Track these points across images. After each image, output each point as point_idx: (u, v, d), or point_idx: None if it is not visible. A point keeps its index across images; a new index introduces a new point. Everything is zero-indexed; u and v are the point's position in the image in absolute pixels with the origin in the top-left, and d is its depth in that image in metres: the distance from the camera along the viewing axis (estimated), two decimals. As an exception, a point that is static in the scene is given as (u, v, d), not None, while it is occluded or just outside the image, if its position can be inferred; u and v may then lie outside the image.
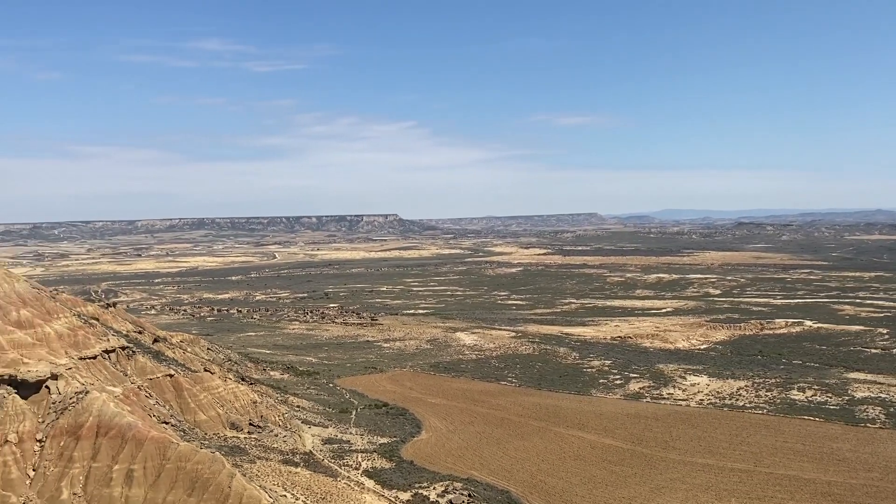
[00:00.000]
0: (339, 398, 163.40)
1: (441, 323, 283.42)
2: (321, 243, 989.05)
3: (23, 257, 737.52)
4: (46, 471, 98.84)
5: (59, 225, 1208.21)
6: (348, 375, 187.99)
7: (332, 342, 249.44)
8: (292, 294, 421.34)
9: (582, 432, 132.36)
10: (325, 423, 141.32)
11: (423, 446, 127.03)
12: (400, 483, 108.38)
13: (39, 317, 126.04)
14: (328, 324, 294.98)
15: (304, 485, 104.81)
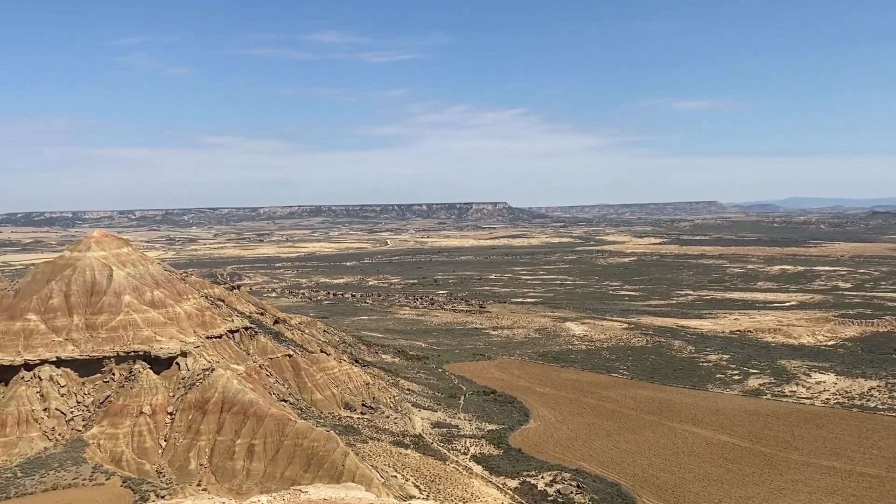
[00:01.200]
0: (448, 383, 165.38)
1: (550, 312, 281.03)
2: (431, 230, 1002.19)
3: (156, 241, 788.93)
4: (176, 442, 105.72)
5: (188, 211, 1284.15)
6: (457, 361, 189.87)
7: (441, 328, 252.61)
8: (403, 280, 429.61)
9: (696, 428, 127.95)
10: (434, 408, 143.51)
11: (531, 435, 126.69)
12: (508, 470, 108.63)
13: (171, 297, 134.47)
14: (437, 310, 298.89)
15: (414, 466, 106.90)
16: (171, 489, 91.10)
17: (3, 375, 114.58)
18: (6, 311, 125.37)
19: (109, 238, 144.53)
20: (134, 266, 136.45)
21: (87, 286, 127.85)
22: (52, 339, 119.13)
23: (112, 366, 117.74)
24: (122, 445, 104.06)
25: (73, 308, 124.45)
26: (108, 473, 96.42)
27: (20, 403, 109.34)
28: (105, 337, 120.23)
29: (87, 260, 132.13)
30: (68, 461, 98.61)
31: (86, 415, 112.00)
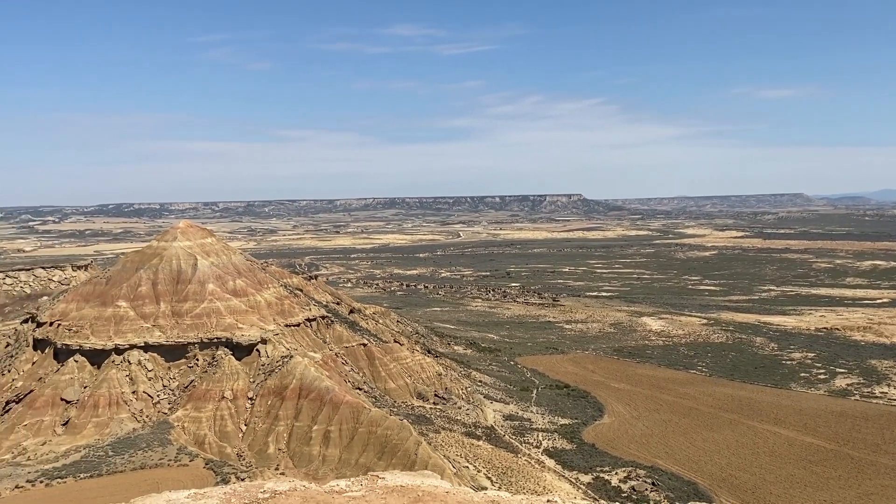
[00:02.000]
0: (520, 376, 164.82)
1: (626, 306, 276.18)
2: (504, 223, 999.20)
3: (238, 232, 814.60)
4: (256, 426, 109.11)
5: (268, 203, 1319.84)
6: (529, 355, 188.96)
7: (514, 321, 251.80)
8: (475, 272, 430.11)
9: (779, 428, 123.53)
10: (507, 400, 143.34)
11: (605, 430, 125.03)
12: (581, 465, 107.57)
13: (252, 286, 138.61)
14: (510, 302, 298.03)
15: (486, 458, 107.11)
16: (250, 472, 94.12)
17: (95, 359, 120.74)
18: (98, 297, 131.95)
19: (194, 228, 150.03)
20: (217, 256, 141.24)
21: (173, 275, 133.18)
22: (141, 325, 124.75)
23: (196, 351, 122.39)
24: (205, 429, 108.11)
25: (160, 296, 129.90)
26: (191, 455, 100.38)
27: (111, 386, 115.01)
28: (190, 324, 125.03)
29: (173, 249, 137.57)
30: (155, 442, 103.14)
31: (171, 398, 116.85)
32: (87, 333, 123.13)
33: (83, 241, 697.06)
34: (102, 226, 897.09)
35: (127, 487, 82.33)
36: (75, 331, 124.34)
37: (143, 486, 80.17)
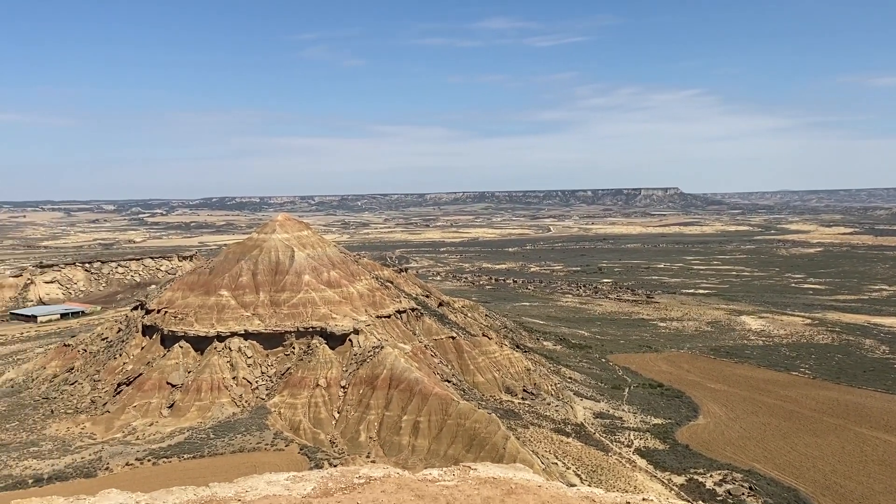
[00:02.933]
0: (612, 374, 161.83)
1: (724, 304, 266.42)
2: (596, 217, 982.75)
3: (332, 225, 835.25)
4: (348, 414, 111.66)
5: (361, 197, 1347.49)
6: (621, 352, 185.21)
7: (605, 317, 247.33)
8: (566, 267, 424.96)
9: (889, 435, 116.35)
10: (597, 398, 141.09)
11: (700, 431, 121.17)
12: (674, 466, 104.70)
13: (345, 278, 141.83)
14: (601, 299, 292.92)
15: (575, 455, 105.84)
16: (342, 459, 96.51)
17: (199, 345, 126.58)
18: (202, 286, 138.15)
19: (292, 221, 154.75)
20: (313, 248, 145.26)
21: (271, 266, 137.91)
22: (241, 314, 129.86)
23: (292, 340, 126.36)
24: (300, 415, 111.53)
25: (259, 286, 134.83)
26: (287, 440, 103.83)
27: (213, 371, 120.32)
28: (287, 313, 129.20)
29: (272, 241, 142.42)
30: (253, 426, 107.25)
31: (269, 384, 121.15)
32: (192, 321, 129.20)
33: (188, 232, 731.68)
34: (206, 218, 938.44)
35: (226, 469, 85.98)
36: (181, 318, 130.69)
37: (242, 469, 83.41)
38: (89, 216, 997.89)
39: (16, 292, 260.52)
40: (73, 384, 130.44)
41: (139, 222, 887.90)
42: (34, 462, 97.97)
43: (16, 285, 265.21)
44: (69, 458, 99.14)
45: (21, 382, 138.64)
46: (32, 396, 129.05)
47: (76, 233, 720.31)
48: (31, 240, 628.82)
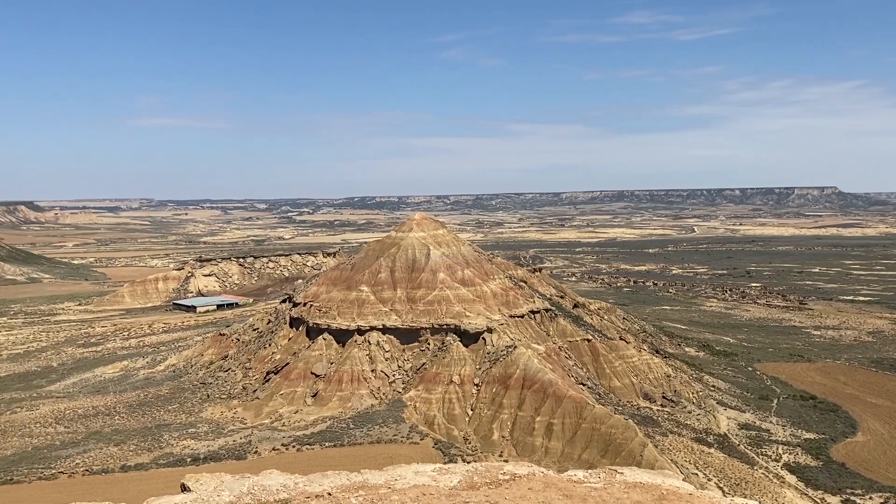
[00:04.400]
0: (759, 383, 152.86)
1: (888, 313, 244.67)
2: (744, 218, 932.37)
3: (466, 224, 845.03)
4: (481, 412, 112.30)
5: (496, 196, 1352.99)
6: (770, 361, 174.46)
7: (753, 323, 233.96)
8: (710, 270, 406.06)
9: None
10: (742, 408, 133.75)
11: (858, 449, 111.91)
12: (828, 485, 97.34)
13: (479, 276, 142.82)
14: (749, 304, 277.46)
15: (718, 467, 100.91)
16: (476, 456, 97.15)
17: (340, 338, 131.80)
18: (345, 282, 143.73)
19: (428, 220, 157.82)
20: (448, 246, 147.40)
21: (408, 263, 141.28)
22: (380, 309, 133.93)
23: (427, 336, 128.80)
24: (435, 410, 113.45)
25: (397, 282, 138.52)
26: (422, 434, 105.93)
27: (353, 364, 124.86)
28: (422, 310, 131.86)
29: (409, 240, 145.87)
30: (390, 419, 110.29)
31: (405, 378, 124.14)
32: (335, 314, 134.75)
33: (332, 230, 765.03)
34: (349, 217, 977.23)
35: (365, 459, 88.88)
36: (324, 311, 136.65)
37: (380, 460, 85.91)
38: (243, 214, 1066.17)
39: (178, 284, 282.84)
40: (227, 371, 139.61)
41: (288, 220, 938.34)
42: (192, 442, 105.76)
43: (178, 277, 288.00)
44: (222, 441, 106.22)
45: (181, 368, 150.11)
46: (191, 381, 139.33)
47: (232, 229, 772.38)
48: (192, 236, 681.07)
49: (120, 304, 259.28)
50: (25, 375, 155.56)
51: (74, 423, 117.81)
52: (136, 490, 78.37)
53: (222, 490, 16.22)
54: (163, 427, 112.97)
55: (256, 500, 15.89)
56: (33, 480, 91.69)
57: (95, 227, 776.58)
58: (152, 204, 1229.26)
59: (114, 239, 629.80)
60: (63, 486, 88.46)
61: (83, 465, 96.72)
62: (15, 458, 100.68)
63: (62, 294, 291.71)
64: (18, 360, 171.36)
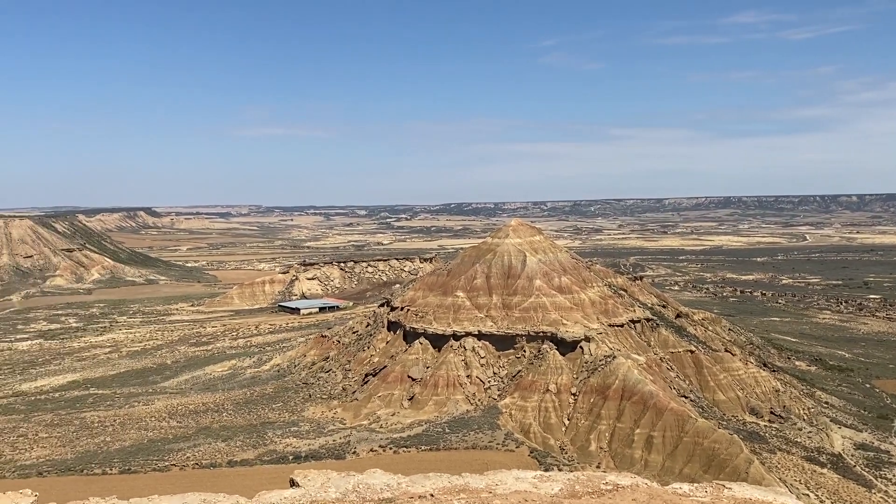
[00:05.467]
0: (878, 401, 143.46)
1: None
2: (862, 225, 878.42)
3: (564, 231, 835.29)
4: (578, 422, 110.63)
5: (594, 202, 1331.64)
6: (890, 378, 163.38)
7: (871, 338, 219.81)
8: (823, 280, 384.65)
9: None
10: (859, 427, 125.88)
11: None
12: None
13: (576, 284, 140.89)
14: (866, 316, 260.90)
15: (831, 488, 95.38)
16: (572, 466, 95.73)
17: (436, 342, 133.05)
18: (441, 287, 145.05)
19: (524, 227, 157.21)
20: (544, 253, 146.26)
21: (504, 269, 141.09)
22: (475, 315, 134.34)
23: (523, 343, 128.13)
24: (530, 418, 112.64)
25: (492, 288, 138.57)
26: (517, 442, 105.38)
27: (449, 368, 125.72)
28: (518, 316, 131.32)
29: (505, 246, 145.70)
30: (485, 425, 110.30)
31: (500, 385, 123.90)
32: (431, 319, 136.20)
33: (429, 236, 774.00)
34: (445, 223, 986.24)
35: (460, 464, 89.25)
36: (421, 316, 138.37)
37: (475, 465, 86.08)
38: (344, 220, 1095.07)
39: (283, 287, 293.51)
40: (328, 372, 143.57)
41: (386, 226, 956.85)
42: (294, 440, 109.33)
43: (283, 280, 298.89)
44: (322, 440, 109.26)
45: (285, 368, 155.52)
46: (294, 381, 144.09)
47: (333, 235, 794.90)
48: (297, 241, 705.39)
49: (229, 306, 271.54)
50: (142, 372, 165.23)
51: (186, 418, 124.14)
52: (241, 485, 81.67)
53: (329, 487, 16.74)
54: (267, 425, 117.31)
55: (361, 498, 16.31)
56: (148, 471, 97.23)
57: (208, 231, 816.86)
58: (260, 210, 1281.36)
59: (224, 243, 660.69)
60: (175, 478, 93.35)
61: (193, 459, 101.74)
62: (132, 450, 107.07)
63: (176, 295, 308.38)
64: (136, 357, 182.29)
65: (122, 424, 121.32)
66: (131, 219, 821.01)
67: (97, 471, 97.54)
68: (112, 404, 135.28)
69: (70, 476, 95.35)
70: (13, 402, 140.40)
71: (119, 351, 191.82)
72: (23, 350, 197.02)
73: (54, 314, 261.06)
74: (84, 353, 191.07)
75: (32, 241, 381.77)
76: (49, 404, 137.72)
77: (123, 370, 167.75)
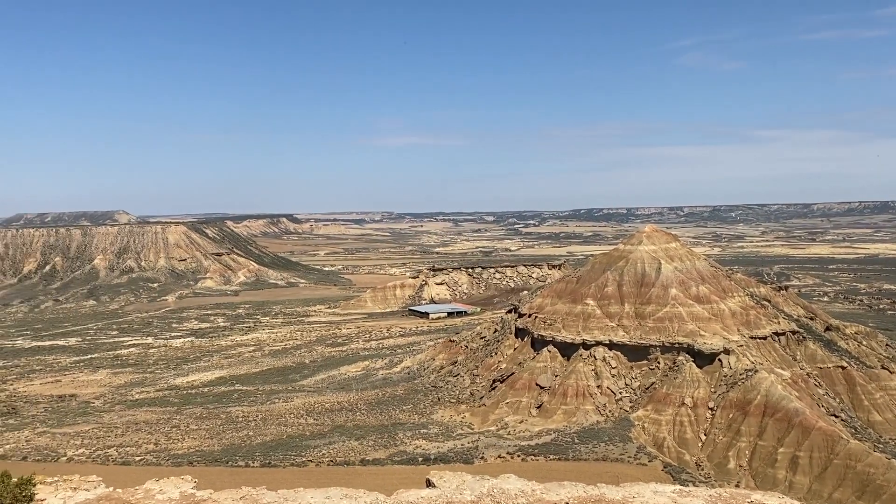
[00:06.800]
0: None
1: None
2: None
3: (702, 237, 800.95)
4: (716, 438, 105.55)
5: (735, 208, 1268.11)
6: None
7: None
8: None
9: None
10: None
11: None
12: None
13: (715, 293, 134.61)
14: None
15: None
16: (709, 484, 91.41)
17: (565, 351, 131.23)
18: (570, 295, 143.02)
19: (659, 233, 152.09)
20: (681, 261, 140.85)
21: (637, 277, 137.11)
22: (606, 324, 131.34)
23: (657, 354, 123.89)
24: (664, 432, 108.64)
25: (624, 297, 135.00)
26: (650, 456, 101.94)
27: (578, 378, 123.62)
28: (652, 326, 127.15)
29: (638, 253, 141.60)
30: (616, 437, 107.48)
31: (632, 397, 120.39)
32: (559, 327, 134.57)
33: (558, 242, 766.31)
34: (574, 229, 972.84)
35: (590, 475, 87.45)
36: (549, 323, 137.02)
37: (605, 478, 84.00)
38: (472, 226, 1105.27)
39: (413, 291, 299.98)
40: (456, 376, 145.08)
41: (514, 232, 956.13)
42: (423, 442, 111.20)
43: (414, 285, 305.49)
44: (451, 443, 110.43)
45: (415, 370, 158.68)
46: (423, 384, 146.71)
47: (462, 241, 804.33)
48: (426, 246, 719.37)
49: (363, 308, 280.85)
50: (283, 370, 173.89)
51: (322, 416, 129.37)
52: (373, 483, 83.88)
53: (464, 489, 16.83)
54: (398, 426, 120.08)
55: (496, 502, 16.30)
56: (287, 466, 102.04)
57: (343, 237, 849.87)
58: (392, 217, 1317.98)
59: (358, 248, 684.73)
60: (311, 473, 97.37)
61: (328, 456, 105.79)
62: (273, 444, 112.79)
63: (315, 297, 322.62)
64: (277, 356, 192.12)
65: (263, 420, 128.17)
66: (274, 225, 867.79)
67: (241, 463, 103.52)
68: (255, 400, 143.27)
69: (217, 467, 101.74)
70: (168, 395, 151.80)
71: (262, 349, 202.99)
72: (177, 347, 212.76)
73: (205, 314, 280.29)
74: (230, 350, 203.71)
75: (186, 245, 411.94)
76: (199, 398, 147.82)
77: (265, 368, 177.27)
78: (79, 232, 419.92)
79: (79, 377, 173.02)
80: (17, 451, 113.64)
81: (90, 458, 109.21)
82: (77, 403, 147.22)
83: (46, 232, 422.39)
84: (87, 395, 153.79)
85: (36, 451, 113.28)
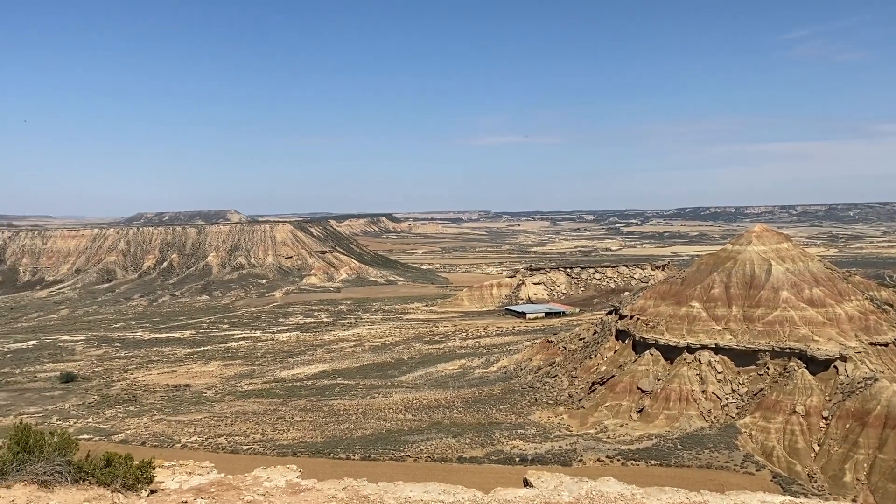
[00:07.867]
0: None
1: None
2: None
3: (816, 238, 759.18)
4: (830, 449, 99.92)
5: (854, 206, 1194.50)
6: None
7: None
8: None
9: None
10: None
11: None
12: None
13: (830, 297, 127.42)
14: None
15: None
16: (823, 497, 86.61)
17: (668, 354, 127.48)
18: (673, 296, 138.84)
19: (769, 233, 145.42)
20: (793, 262, 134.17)
21: (745, 279, 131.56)
22: (712, 327, 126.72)
23: (766, 359, 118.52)
24: (774, 441, 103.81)
25: (731, 299, 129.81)
26: (758, 465, 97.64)
27: (682, 382, 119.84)
28: (761, 330, 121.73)
29: (746, 254, 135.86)
30: (721, 444, 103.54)
31: (739, 403, 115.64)
32: (662, 329, 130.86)
33: (661, 242, 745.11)
34: (679, 228, 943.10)
35: (692, 483, 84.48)
36: (651, 326, 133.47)
37: (708, 486, 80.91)
38: (571, 225, 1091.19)
39: (510, 290, 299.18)
40: (554, 378, 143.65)
41: (615, 231, 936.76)
42: (520, 443, 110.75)
43: (511, 284, 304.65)
44: (549, 445, 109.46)
45: (512, 370, 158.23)
46: (520, 384, 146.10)
47: (560, 240, 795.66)
48: (523, 245, 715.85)
49: (459, 307, 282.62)
50: (382, 365, 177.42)
51: (420, 412, 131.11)
52: (470, 482, 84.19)
53: (562, 490, 16.65)
54: (494, 425, 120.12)
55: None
56: (386, 460, 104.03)
57: (441, 236, 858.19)
58: (489, 216, 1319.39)
59: (455, 247, 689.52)
60: (409, 468, 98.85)
61: (426, 452, 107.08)
62: (372, 438, 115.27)
63: (413, 295, 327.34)
64: (377, 352, 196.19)
65: (363, 414, 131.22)
66: (374, 224, 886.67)
67: (342, 455, 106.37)
68: (356, 394, 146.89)
69: (319, 458, 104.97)
70: (274, 388, 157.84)
71: (362, 345, 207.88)
72: (283, 341, 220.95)
73: (309, 309, 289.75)
74: (333, 345, 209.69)
75: (292, 243, 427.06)
76: (303, 391, 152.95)
77: (366, 363, 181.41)
78: (194, 230, 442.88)
79: (192, 368, 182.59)
80: (137, 436, 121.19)
81: (202, 445, 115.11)
82: (191, 393, 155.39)
83: (164, 230, 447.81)
84: (200, 386, 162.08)
85: (153, 436, 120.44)
